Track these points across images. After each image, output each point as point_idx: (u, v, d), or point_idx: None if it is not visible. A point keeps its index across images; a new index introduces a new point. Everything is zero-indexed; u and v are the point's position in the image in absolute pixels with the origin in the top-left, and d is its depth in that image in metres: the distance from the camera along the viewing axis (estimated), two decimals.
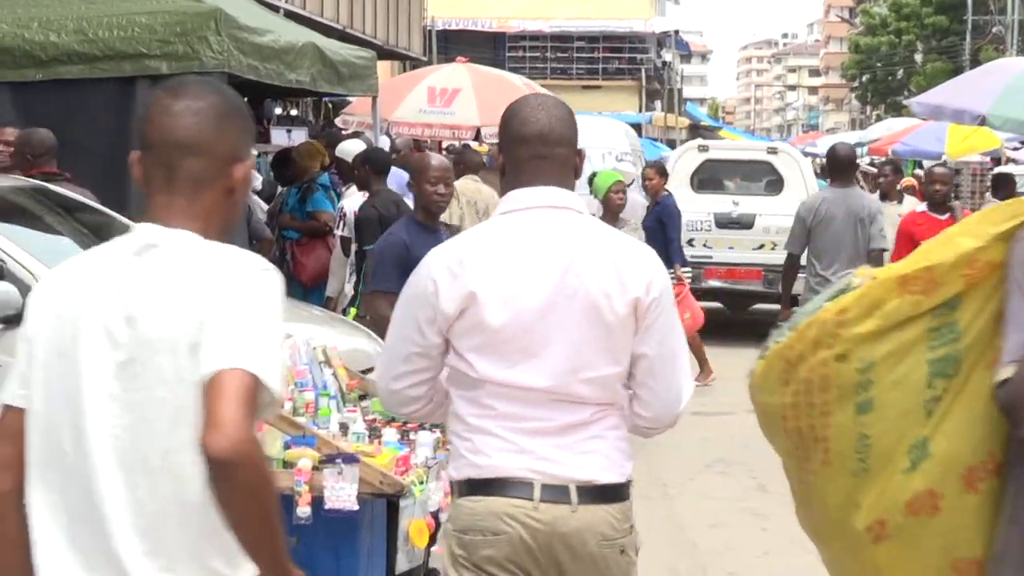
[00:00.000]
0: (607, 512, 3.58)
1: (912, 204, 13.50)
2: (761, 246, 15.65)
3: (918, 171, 21.16)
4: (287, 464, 5.19)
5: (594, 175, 10.64)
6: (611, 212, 10.30)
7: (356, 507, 5.04)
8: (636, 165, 20.24)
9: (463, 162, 11.82)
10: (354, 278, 9.65)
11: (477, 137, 15.25)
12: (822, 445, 3.80)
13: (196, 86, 2.86)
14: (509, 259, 3.55)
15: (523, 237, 3.58)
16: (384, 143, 12.87)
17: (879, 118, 70.55)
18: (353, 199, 9.88)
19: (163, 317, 2.66)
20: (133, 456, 2.68)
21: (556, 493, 3.53)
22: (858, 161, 14.58)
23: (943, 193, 11.39)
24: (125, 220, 7.71)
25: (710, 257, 15.75)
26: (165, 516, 2.69)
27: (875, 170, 18.90)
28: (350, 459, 5.08)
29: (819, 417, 3.77)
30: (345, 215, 9.80)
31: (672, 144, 50.07)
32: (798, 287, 10.26)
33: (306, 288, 10.57)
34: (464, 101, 15.17)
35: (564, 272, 3.52)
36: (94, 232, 7.69)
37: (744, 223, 15.81)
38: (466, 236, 3.75)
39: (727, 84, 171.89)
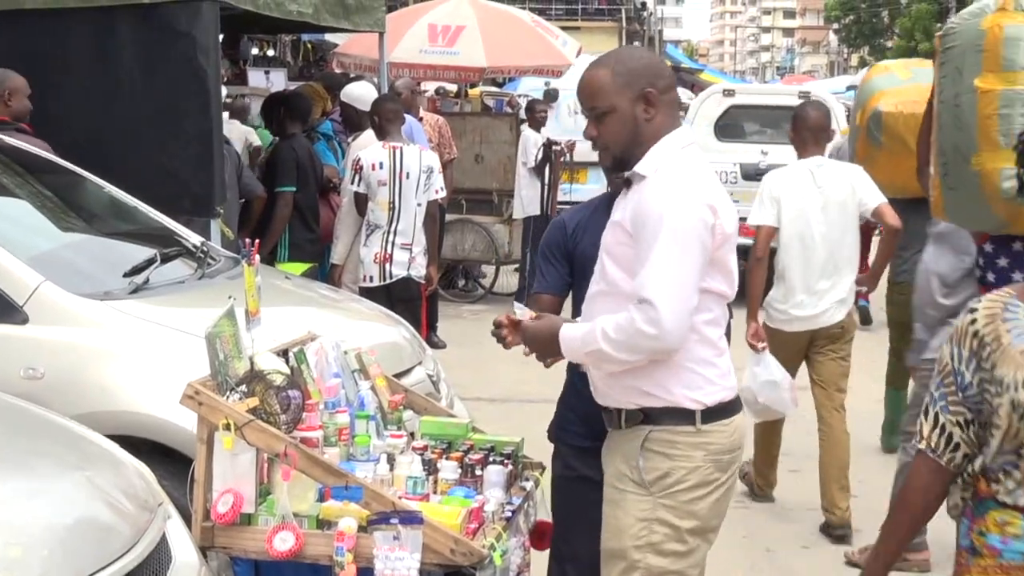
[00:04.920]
0: None
1: None
2: None
3: None
4: (322, 524, 3.89)
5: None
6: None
7: None
8: None
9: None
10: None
11: (506, 85, 13.99)
12: None
13: None
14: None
15: None
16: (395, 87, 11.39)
17: (862, 60, 69.47)
18: (371, 149, 8.43)
19: None
20: None
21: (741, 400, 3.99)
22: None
23: None
24: (96, 180, 6.30)
25: None
26: None
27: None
28: (411, 519, 3.79)
29: None
30: (362, 167, 8.34)
31: None
32: None
33: None
34: (469, 39, 14.00)
35: None
36: (59, 195, 6.28)
37: None
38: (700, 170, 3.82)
39: (701, 26, 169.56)
